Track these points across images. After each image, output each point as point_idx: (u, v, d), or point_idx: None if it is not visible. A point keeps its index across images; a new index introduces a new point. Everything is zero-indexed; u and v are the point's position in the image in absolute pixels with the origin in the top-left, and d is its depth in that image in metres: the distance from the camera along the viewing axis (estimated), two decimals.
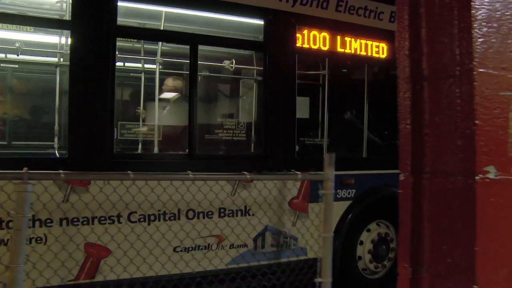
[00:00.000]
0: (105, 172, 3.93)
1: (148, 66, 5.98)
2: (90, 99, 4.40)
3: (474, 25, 1.48)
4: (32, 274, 3.93)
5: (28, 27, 5.34)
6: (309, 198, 5.38)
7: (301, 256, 5.41)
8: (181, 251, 4.71)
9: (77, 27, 4.38)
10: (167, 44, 5.90)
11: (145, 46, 5.91)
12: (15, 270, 3.00)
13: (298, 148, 5.52)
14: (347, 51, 5.71)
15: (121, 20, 4.75)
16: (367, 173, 5.81)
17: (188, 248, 4.74)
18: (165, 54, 5.90)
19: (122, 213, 4.43)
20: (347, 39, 5.69)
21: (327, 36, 5.55)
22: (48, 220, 4.16)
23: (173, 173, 4.26)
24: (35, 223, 4.12)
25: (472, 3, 1.48)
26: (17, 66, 6.00)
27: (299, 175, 4.00)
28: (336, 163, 5.61)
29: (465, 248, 1.52)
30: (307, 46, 5.45)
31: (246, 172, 3.61)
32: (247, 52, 6.23)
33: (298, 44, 5.39)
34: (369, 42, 5.84)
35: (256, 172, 4.00)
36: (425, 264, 1.60)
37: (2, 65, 5.94)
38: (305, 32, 5.43)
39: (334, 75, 6.05)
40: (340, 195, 5.60)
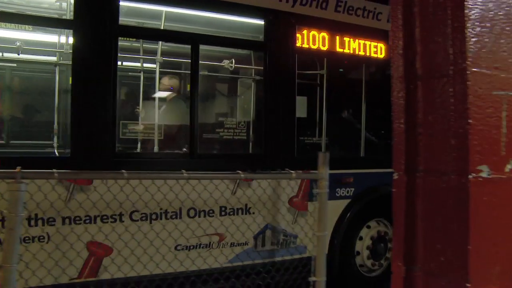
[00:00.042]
0: (99, 171, 3.89)
1: (143, 65, 5.97)
2: (92, 99, 4.39)
3: (468, 24, 1.47)
4: (36, 272, 3.90)
5: (26, 26, 5.31)
6: (308, 196, 5.37)
7: (303, 254, 5.40)
8: (182, 249, 4.69)
9: (80, 27, 4.37)
10: (166, 44, 5.89)
11: (144, 46, 5.90)
12: (7, 270, 2.95)
13: (298, 147, 5.51)
14: (346, 51, 5.70)
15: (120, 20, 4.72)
16: (366, 172, 5.80)
17: (189, 246, 4.72)
18: (162, 53, 5.89)
19: (124, 211, 4.40)
20: (346, 39, 5.69)
21: (326, 36, 5.55)
22: (51, 219, 4.14)
23: (167, 172, 4.22)
24: (38, 222, 4.09)
25: (466, 3, 1.47)
26: (15, 65, 5.97)
27: (293, 174, 3.95)
28: (335, 162, 5.62)
29: (458, 247, 1.52)
30: (307, 46, 5.45)
31: (240, 171, 3.58)
32: (245, 52, 6.22)
33: (298, 44, 5.39)
34: (368, 42, 5.84)
35: (251, 171, 3.96)
36: (418, 262, 1.59)
37: (0, 64, 5.92)
38: (305, 32, 5.43)
39: (333, 74, 6.04)
40: (339, 193, 5.60)
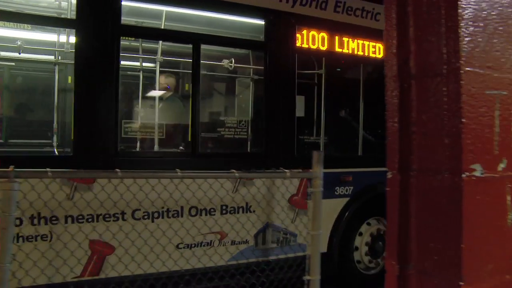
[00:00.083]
0: (93, 170, 3.84)
1: (142, 64, 5.93)
2: (94, 98, 4.38)
3: (461, 24, 1.46)
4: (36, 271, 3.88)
5: (25, 25, 5.26)
6: (308, 195, 5.35)
7: (303, 252, 5.39)
8: (183, 247, 4.68)
9: (82, 26, 4.35)
10: (164, 43, 5.84)
11: (142, 45, 5.86)
12: (1, 270, 2.91)
13: (298, 146, 5.50)
14: (345, 51, 5.68)
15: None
16: (365, 171, 5.79)
17: (190, 244, 4.71)
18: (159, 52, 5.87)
19: (126, 210, 4.38)
20: (345, 39, 5.67)
21: (326, 36, 5.53)
22: (54, 218, 4.12)
23: (161, 171, 4.17)
24: (41, 221, 4.07)
25: (459, 3, 1.46)
26: (13, 64, 5.91)
27: (287, 173, 3.89)
28: (334, 160, 5.63)
29: (451, 245, 1.51)
30: (306, 46, 5.43)
31: (235, 170, 3.55)
32: (244, 51, 6.20)
33: (298, 44, 5.37)
34: (366, 42, 5.82)
35: (245, 170, 3.93)
36: (412, 261, 1.58)
37: None
38: (304, 32, 5.42)
39: (332, 74, 6.03)
40: (338, 192, 5.59)
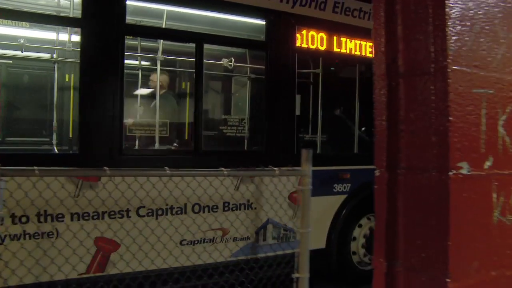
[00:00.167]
0: (84, 168, 3.80)
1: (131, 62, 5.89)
2: (99, 96, 4.36)
3: (448, 23, 1.44)
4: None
5: (23, 23, 5.21)
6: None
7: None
8: (187, 244, 4.65)
9: (88, 25, 4.32)
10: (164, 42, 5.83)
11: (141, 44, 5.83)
12: None
13: (298, 144, 5.48)
14: (343, 51, 5.66)
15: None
16: (362, 168, 5.74)
17: (194, 241, 4.69)
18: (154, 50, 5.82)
19: (131, 207, 4.36)
20: (343, 39, 5.65)
21: (325, 36, 5.51)
22: (60, 215, 4.10)
23: (150, 169, 4.15)
24: (47, 218, 4.05)
25: (446, 2, 1.43)
26: (11, 61, 5.84)
27: (276, 171, 3.81)
28: (333, 158, 5.61)
29: (438, 243, 1.49)
30: (306, 45, 5.41)
31: (223, 168, 3.52)
32: (241, 51, 6.17)
33: (298, 43, 5.35)
34: (363, 43, 5.79)
35: (234, 169, 3.89)
36: (399, 258, 1.56)
37: None
38: (304, 32, 5.39)
39: (330, 74, 6.01)
40: (336, 189, 5.56)
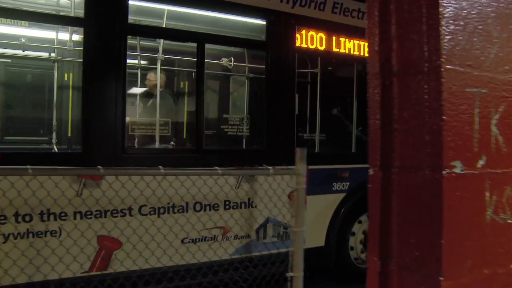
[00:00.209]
0: (77, 167, 3.70)
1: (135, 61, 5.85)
2: (102, 96, 4.34)
3: (442, 22, 1.42)
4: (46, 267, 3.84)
5: (22, 22, 5.15)
6: (307, 190, 5.31)
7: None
8: (188, 242, 4.64)
9: (90, 25, 4.30)
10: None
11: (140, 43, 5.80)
12: None
13: (298, 143, 5.45)
14: (342, 50, 5.65)
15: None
16: (360, 167, 5.71)
17: (195, 239, 4.67)
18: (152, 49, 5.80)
19: (133, 206, 4.33)
20: (342, 39, 5.63)
21: (324, 37, 5.49)
22: (62, 214, 4.08)
23: (144, 168, 4.08)
24: (50, 217, 4.03)
25: (440, 1, 1.42)
26: (9, 60, 5.77)
27: (270, 170, 3.78)
28: (332, 157, 5.58)
29: (432, 241, 1.47)
30: (305, 45, 5.40)
31: (217, 167, 3.49)
32: (240, 50, 6.15)
33: (297, 43, 5.34)
34: (362, 43, 5.77)
35: (228, 167, 3.86)
36: (393, 257, 1.55)
37: None
38: (304, 32, 5.38)
39: (329, 73, 6.00)
40: (335, 187, 5.54)
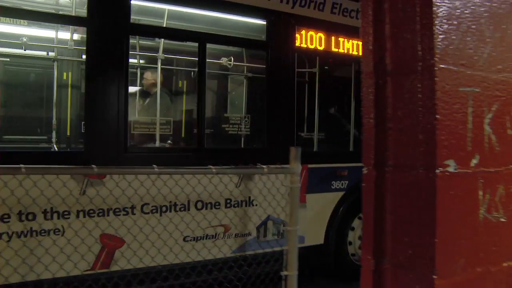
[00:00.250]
0: (69, 166, 3.66)
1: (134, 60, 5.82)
2: (105, 95, 4.32)
3: (435, 22, 1.41)
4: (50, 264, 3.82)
5: (21, 20, 5.11)
6: (306, 189, 5.31)
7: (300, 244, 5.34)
8: (190, 240, 4.63)
9: (93, 25, 4.29)
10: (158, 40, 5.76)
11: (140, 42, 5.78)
12: None
13: (298, 142, 5.45)
14: (341, 50, 5.63)
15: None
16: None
17: (197, 237, 4.66)
18: (149, 48, 5.77)
19: (136, 204, 4.32)
20: (341, 39, 5.61)
21: (323, 36, 5.47)
22: (66, 212, 4.06)
23: (138, 167, 4.10)
24: (53, 215, 4.01)
25: (434, 1, 1.40)
26: (8, 59, 5.71)
27: (265, 169, 3.74)
28: (331, 156, 5.57)
29: (425, 240, 1.46)
30: (305, 45, 5.39)
31: (212, 166, 3.47)
32: (238, 50, 6.14)
33: (297, 43, 5.33)
34: (360, 43, 5.73)
35: (222, 167, 3.85)
36: (387, 256, 1.53)
37: None
38: (303, 32, 5.36)
39: (328, 73, 5.99)
40: (334, 186, 5.53)
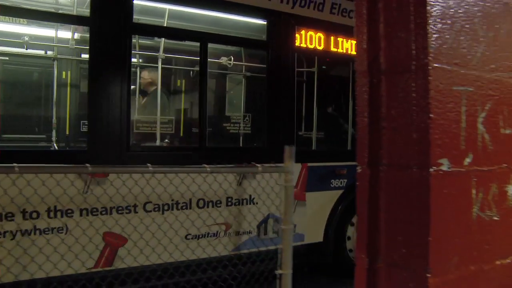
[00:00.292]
0: (62, 165, 3.61)
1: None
2: (108, 94, 4.31)
3: (429, 21, 1.39)
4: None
5: (21, 19, 5.06)
6: (306, 187, 5.30)
7: (301, 242, 5.36)
8: (192, 238, 4.62)
9: (96, 24, 4.27)
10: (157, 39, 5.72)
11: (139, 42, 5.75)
12: None
13: (297, 141, 5.43)
14: (340, 50, 5.61)
15: None
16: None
17: (199, 235, 4.65)
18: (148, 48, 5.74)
19: (138, 203, 4.31)
20: (340, 39, 5.59)
21: (322, 36, 5.46)
22: (69, 211, 4.05)
23: (133, 166, 4.07)
24: (57, 214, 4.00)
25: (428, 0, 1.39)
26: (7, 58, 5.66)
27: (259, 168, 3.69)
28: (330, 154, 5.55)
29: (419, 238, 1.44)
30: (304, 45, 5.38)
31: (206, 165, 3.43)
32: (237, 49, 6.13)
33: (297, 43, 5.31)
34: None
35: (216, 165, 3.82)
36: (381, 254, 1.51)
37: None
38: (303, 32, 5.35)
39: (327, 72, 5.98)
40: (333, 184, 5.51)
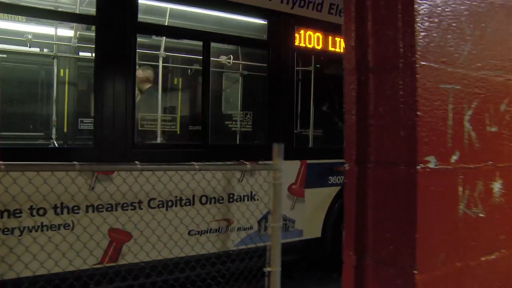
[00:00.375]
0: (52, 162, 3.56)
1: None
2: (114, 92, 4.28)
3: (417, 19, 1.36)
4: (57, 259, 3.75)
5: (20, 17, 5.03)
6: (305, 184, 5.27)
7: (300, 237, 5.32)
8: (195, 234, 4.59)
9: (102, 23, 4.24)
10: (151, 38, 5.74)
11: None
12: None
13: (297, 138, 5.41)
14: (338, 50, 5.59)
15: None
16: None
17: (201, 231, 4.62)
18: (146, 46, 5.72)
19: (143, 200, 4.28)
20: (337, 39, 5.57)
21: (321, 36, 5.43)
22: (75, 208, 4.03)
23: (121, 163, 4.03)
24: (63, 211, 3.98)
25: None
26: (5, 56, 5.59)
27: (248, 165, 3.65)
28: (327, 152, 5.52)
29: (406, 235, 1.42)
30: (304, 44, 5.36)
31: (195, 163, 3.38)
32: (233, 48, 6.11)
33: (297, 43, 5.29)
34: None
35: (206, 163, 3.79)
36: (369, 251, 1.49)
37: None
38: (302, 32, 5.33)
39: (326, 71, 5.96)
40: (331, 181, 5.48)
